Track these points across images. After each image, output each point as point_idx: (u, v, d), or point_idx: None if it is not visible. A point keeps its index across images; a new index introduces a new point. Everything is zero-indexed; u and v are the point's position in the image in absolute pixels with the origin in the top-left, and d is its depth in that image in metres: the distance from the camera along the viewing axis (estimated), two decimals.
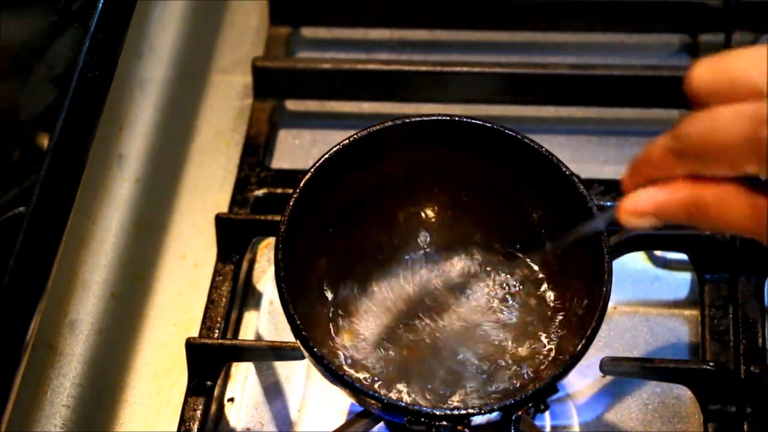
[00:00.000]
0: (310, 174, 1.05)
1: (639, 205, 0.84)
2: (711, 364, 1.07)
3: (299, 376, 1.15)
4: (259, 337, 1.18)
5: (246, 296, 1.20)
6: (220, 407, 1.13)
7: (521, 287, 1.11)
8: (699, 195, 0.81)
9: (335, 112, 1.33)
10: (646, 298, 1.18)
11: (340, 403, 1.12)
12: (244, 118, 1.31)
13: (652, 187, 0.83)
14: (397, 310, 1.10)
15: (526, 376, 1.06)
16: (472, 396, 1.05)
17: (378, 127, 1.07)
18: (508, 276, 1.11)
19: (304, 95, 1.33)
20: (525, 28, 1.36)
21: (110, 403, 1.15)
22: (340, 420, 1.09)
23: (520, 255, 1.12)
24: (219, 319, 1.14)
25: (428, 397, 1.05)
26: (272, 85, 1.31)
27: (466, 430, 0.97)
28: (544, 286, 1.10)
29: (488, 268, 1.12)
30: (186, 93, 1.36)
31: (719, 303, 1.13)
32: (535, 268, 1.11)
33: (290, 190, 1.05)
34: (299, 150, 1.30)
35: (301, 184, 1.04)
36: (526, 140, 1.06)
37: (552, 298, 1.10)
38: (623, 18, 1.34)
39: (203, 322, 1.14)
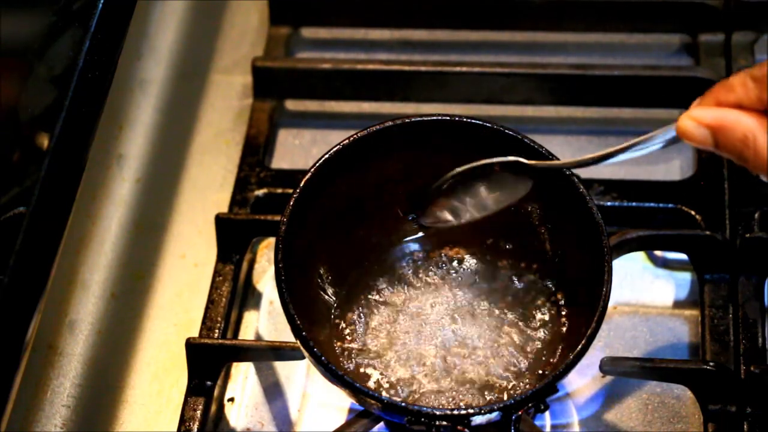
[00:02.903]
0: (310, 174, 1.05)
1: (703, 117, 0.87)
2: (711, 364, 1.07)
3: (299, 376, 1.15)
4: (259, 337, 1.18)
5: (246, 296, 1.20)
6: (220, 407, 1.13)
7: (521, 287, 1.11)
8: (761, 127, 0.83)
9: (335, 112, 1.33)
10: (646, 298, 1.18)
11: (340, 403, 1.12)
12: (244, 118, 1.31)
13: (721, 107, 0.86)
14: (397, 309, 1.10)
15: (526, 375, 1.06)
16: (471, 395, 1.05)
17: (378, 127, 1.07)
18: (508, 275, 1.11)
19: (304, 95, 1.33)
20: (525, 28, 1.36)
21: (110, 403, 1.15)
22: (340, 420, 1.09)
23: (520, 254, 1.12)
24: (219, 319, 1.14)
25: (428, 395, 1.05)
26: (272, 85, 1.31)
27: (466, 430, 0.97)
28: (544, 286, 1.10)
29: (488, 267, 1.12)
30: (186, 93, 1.36)
31: (719, 303, 1.13)
32: (535, 267, 1.11)
33: (290, 190, 1.05)
34: (299, 150, 1.30)
35: (301, 184, 1.04)
36: (526, 140, 1.06)
37: (552, 297, 1.10)
38: (623, 18, 1.34)
39: (203, 322, 1.14)
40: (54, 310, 1.19)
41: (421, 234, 1.14)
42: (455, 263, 1.13)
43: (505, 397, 1.04)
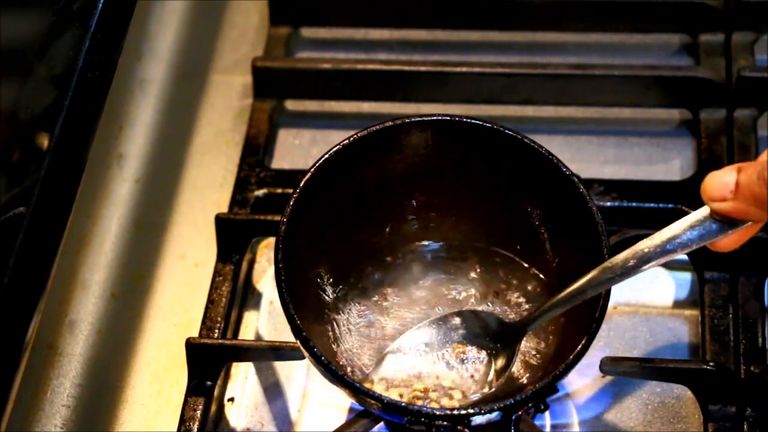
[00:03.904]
0: (310, 174, 1.05)
1: (727, 167, 0.88)
2: (711, 364, 1.07)
3: (299, 376, 1.15)
4: (259, 337, 1.18)
5: (246, 296, 1.20)
6: (220, 407, 1.13)
7: (521, 287, 1.11)
8: None
9: (335, 112, 1.33)
10: (646, 298, 1.18)
11: (340, 403, 1.12)
12: (244, 118, 1.31)
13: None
14: (396, 309, 1.10)
15: (526, 376, 1.06)
16: (471, 394, 1.05)
17: (378, 127, 1.07)
18: (508, 276, 1.11)
19: (304, 95, 1.33)
20: (525, 28, 1.36)
21: (110, 403, 1.15)
22: (341, 420, 1.09)
23: (520, 255, 1.12)
24: (219, 319, 1.14)
25: (427, 394, 1.05)
26: (272, 85, 1.31)
27: (466, 430, 0.97)
28: (544, 286, 1.10)
29: (488, 268, 1.12)
30: (186, 93, 1.36)
31: (719, 303, 1.13)
32: (535, 267, 1.11)
33: (290, 190, 1.05)
34: (299, 150, 1.30)
35: (301, 184, 1.04)
36: (526, 140, 1.06)
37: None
38: (623, 18, 1.34)
39: (203, 322, 1.14)
40: (54, 310, 1.19)
41: (421, 234, 1.14)
42: (454, 263, 1.12)
43: (505, 397, 1.04)
